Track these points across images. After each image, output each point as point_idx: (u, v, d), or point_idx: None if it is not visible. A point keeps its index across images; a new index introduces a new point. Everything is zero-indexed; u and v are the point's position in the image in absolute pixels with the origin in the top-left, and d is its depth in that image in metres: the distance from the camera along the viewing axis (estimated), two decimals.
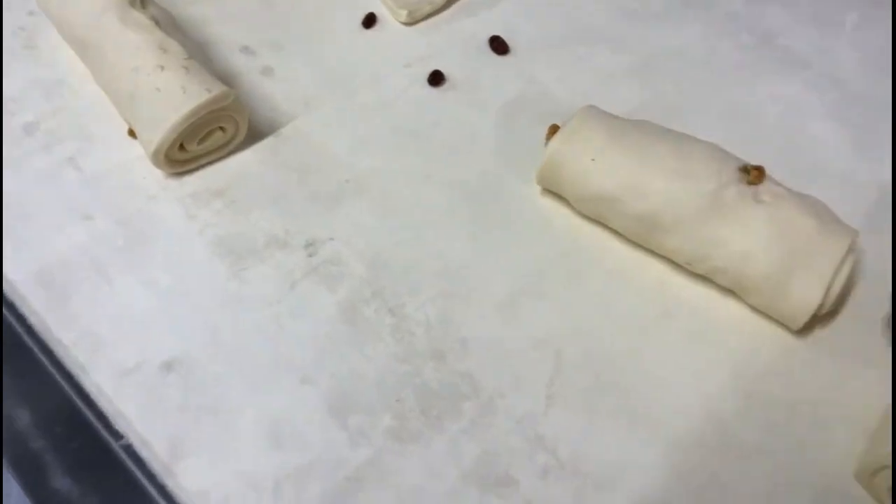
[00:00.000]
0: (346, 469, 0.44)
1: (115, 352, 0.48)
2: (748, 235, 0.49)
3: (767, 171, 0.52)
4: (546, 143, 0.56)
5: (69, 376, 0.47)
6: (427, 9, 0.71)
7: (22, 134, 0.59)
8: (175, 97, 0.53)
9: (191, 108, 0.53)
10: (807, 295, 0.49)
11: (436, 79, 0.66)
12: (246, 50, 0.67)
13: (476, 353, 0.50)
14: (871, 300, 0.53)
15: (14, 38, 0.66)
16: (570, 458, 0.46)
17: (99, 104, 0.60)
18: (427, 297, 0.52)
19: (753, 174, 0.51)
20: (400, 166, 0.60)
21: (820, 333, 0.52)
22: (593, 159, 0.53)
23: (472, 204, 0.58)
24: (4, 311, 0.50)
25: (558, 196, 0.58)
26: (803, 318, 0.49)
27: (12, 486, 0.43)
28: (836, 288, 0.49)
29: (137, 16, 0.57)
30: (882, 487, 0.43)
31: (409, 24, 0.70)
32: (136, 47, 0.55)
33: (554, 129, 0.56)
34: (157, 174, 0.57)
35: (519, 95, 0.66)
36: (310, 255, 0.54)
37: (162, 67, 0.54)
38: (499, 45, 0.69)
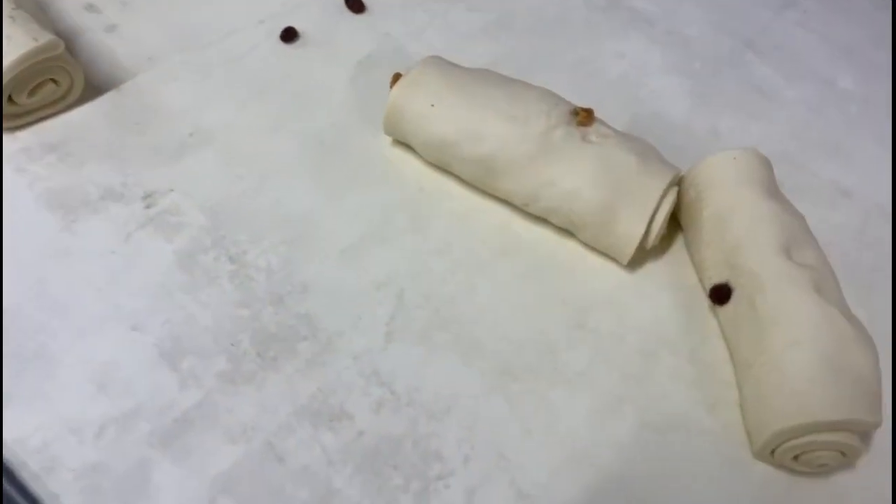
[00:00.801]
0: (175, 411, 0.44)
1: None
2: (575, 174, 0.51)
3: (606, 119, 0.54)
4: (390, 90, 0.56)
5: None
6: None
7: None
8: None
9: (16, 57, 0.51)
10: (630, 228, 0.51)
11: (288, 35, 0.66)
12: (90, 7, 0.65)
13: (316, 297, 0.50)
14: None
15: None
16: (405, 391, 0.47)
17: None
18: (269, 244, 0.52)
19: (582, 115, 0.53)
20: (246, 120, 0.59)
21: (651, 267, 0.55)
22: (432, 105, 0.54)
23: (320, 154, 0.58)
24: None
25: (407, 146, 0.59)
26: (629, 250, 0.52)
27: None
28: (659, 221, 0.52)
29: None
30: (786, 458, 0.45)
31: None
32: None
33: (397, 77, 0.57)
34: None
35: (373, 52, 0.66)
36: (147, 207, 0.53)
37: None
38: (354, 3, 0.69)
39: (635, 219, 0.51)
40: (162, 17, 0.66)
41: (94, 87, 0.59)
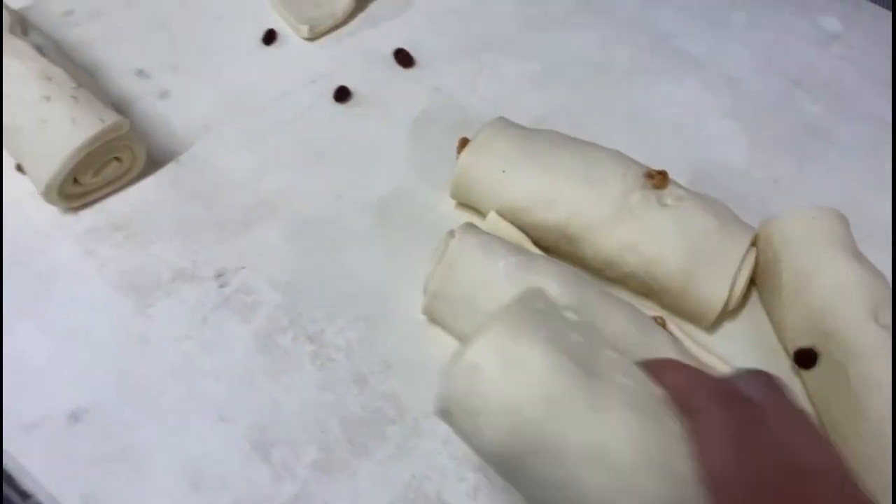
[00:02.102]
0: None
1: (15, 405, 0.45)
2: (655, 240, 0.51)
3: (669, 171, 0.54)
4: (457, 157, 0.56)
5: None
6: (329, 23, 0.70)
7: None
8: (64, 129, 0.51)
9: (82, 141, 0.50)
10: (713, 293, 0.50)
11: (341, 95, 0.65)
12: (140, 73, 0.64)
13: (399, 374, 0.49)
14: None
15: None
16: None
17: None
18: (346, 321, 0.51)
19: (657, 179, 0.52)
20: (308, 186, 0.59)
21: (728, 328, 0.54)
22: (503, 171, 0.53)
23: (386, 221, 0.58)
24: None
25: (474, 209, 0.58)
26: (712, 315, 0.51)
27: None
28: (740, 283, 0.51)
29: (19, 43, 0.54)
30: None
31: (311, 39, 0.69)
32: (18, 77, 0.52)
33: (464, 143, 0.56)
34: (51, 210, 0.54)
35: (427, 107, 0.66)
36: (220, 286, 0.52)
37: (48, 98, 0.51)
38: (404, 58, 0.69)
39: (718, 283, 0.50)
40: (213, 81, 0.65)
41: (151, 159, 0.58)
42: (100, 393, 0.46)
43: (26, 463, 0.43)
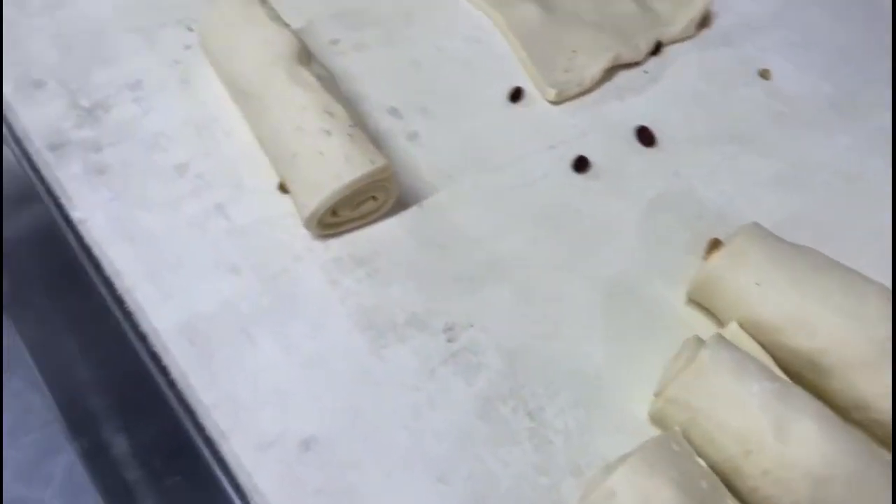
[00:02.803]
0: None
1: (254, 421, 0.47)
2: None
3: None
4: (705, 257, 0.54)
5: (209, 441, 0.47)
6: (575, 90, 0.70)
7: (174, 174, 0.59)
8: (338, 165, 0.53)
9: (353, 178, 0.53)
10: None
11: (580, 165, 0.65)
12: (394, 112, 0.67)
13: None
14: None
15: (170, 71, 0.66)
16: None
17: (250, 151, 0.61)
18: (566, 403, 0.51)
19: None
20: (541, 254, 0.59)
21: None
22: (758, 284, 0.51)
23: (612, 302, 0.57)
24: (149, 362, 0.50)
25: (704, 308, 0.56)
26: None
27: None
28: None
29: (305, 73, 0.57)
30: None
31: (556, 102, 0.70)
32: (301, 107, 0.55)
33: (715, 244, 0.54)
34: (304, 234, 0.57)
35: (664, 191, 0.64)
36: (449, 341, 0.53)
37: (328, 132, 0.54)
38: (646, 137, 0.68)
39: None
40: (458, 130, 0.66)
41: (397, 199, 0.60)
42: (331, 426, 0.48)
43: (259, 482, 0.45)
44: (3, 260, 0.55)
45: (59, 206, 0.56)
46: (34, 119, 0.61)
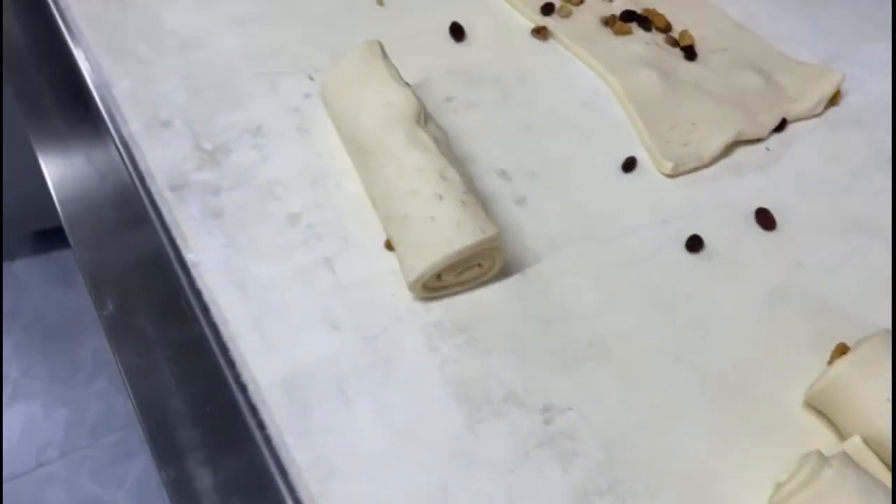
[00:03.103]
0: None
1: (344, 489, 0.47)
2: None
3: None
4: (829, 361, 0.51)
5: (298, 502, 0.46)
6: (693, 164, 0.68)
7: (286, 223, 0.60)
8: (448, 230, 0.53)
9: (463, 246, 0.52)
10: None
11: (694, 244, 0.62)
12: (503, 174, 0.66)
13: None
14: None
15: (289, 119, 0.68)
16: None
17: (360, 205, 0.61)
18: None
19: None
20: (648, 337, 0.56)
21: None
22: (888, 399, 0.47)
23: (722, 398, 0.53)
24: (247, 413, 0.50)
25: (823, 415, 0.52)
26: None
27: None
28: None
29: (423, 135, 0.57)
30: None
31: (671, 176, 0.67)
32: (417, 169, 0.55)
33: (842, 349, 0.51)
34: (406, 295, 0.56)
35: (783, 282, 0.61)
36: (546, 423, 0.51)
37: (440, 197, 0.54)
38: (765, 219, 0.64)
39: None
40: (566, 197, 0.65)
41: (501, 266, 0.59)
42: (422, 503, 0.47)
43: None
44: (2, 266, 0.57)
45: (175, 246, 0.58)
46: (159, 158, 0.63)
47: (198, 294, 0.55)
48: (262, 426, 0.49)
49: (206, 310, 0.55)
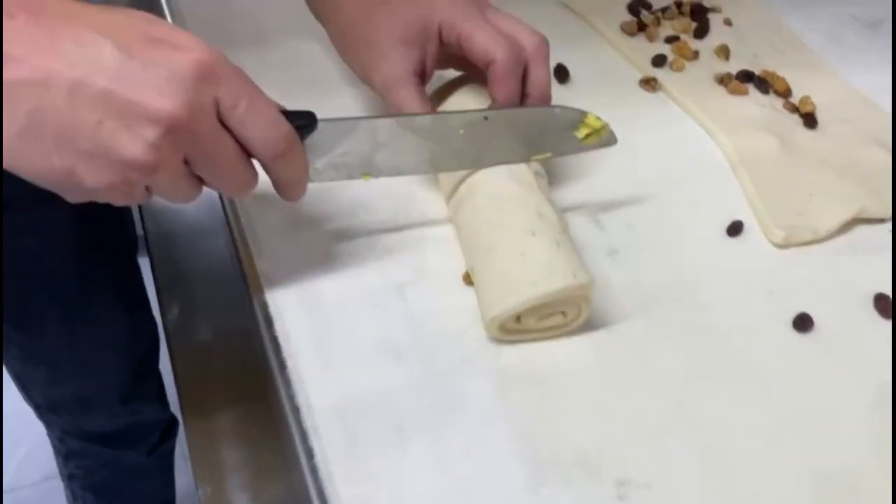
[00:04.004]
0: None
1: None
2: None
3: None
4: None
5: None
6: (807, 236, 0.62)
7: (363, 243, 0.57)
8: (537, 269, 0.49)
9: (551, 289, 0.48)
10: None
11: (803, 323, 0.56)
12: (597, 223, 0.62)
13: None
14: None
15: None
16: None
17: (443, 233, 0.58)
18: None
19: None
20: (742, 417, 0.50)
21: None
22: None
23: (824, 501, 0.47)
24: (297, 437, 0.46)
25: None
26: None
27: None
28: None
29: (522, 168, 0.54)
30: None
31: (781, 246, 0.61)
32: (514, 202, 0.52)
33: None
34: (480, 333, 0.52)
35: None
36: (620, 498, 0.45)
37: (533, 233, 0.50)
38: (885, 307, 0.58)
39: None
40: (664, 253, 0.60)
41: (588, 319, 0.54)
42: None
43: None
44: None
45: (249, 254, 0.56)
46: None
47: (264, 307, 0.53)
48: (310, 454, 0.45)
49: (269, 321, 0.52)
